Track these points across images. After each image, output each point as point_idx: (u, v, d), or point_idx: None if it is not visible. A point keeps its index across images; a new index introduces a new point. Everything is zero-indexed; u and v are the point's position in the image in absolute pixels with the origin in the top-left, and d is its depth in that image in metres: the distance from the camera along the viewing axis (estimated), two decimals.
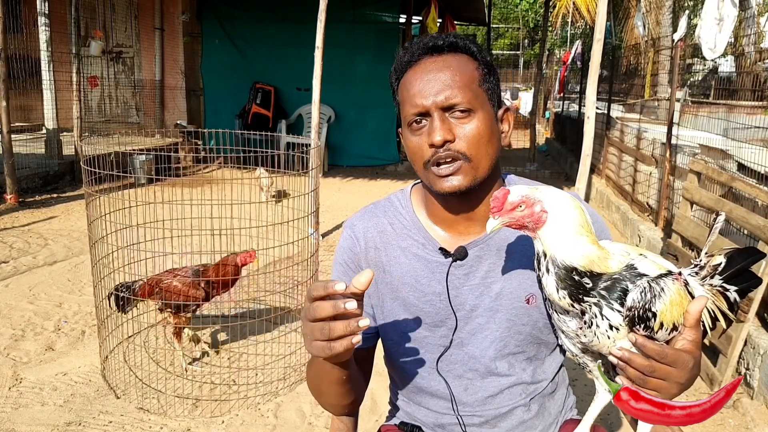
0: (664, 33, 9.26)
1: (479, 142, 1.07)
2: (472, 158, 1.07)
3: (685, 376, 0.95)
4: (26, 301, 3.73)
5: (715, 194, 3.78)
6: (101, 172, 2.69)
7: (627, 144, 6.77)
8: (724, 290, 1.07)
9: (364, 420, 2.40)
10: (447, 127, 1.07)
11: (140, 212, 2.86)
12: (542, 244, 0.97)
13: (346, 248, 1.22)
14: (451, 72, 1.07)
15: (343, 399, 1.15)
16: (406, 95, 1.11)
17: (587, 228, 0.96)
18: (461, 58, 1.10)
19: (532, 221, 0.96)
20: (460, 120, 1.07)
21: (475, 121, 1.07)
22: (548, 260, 0.96)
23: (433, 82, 1.07)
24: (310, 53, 5.00)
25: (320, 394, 1.16)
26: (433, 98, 1.07)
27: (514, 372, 1.20)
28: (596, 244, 0.96)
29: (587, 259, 0.94)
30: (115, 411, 2.60)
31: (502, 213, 0.96)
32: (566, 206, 0.96)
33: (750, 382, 2.82)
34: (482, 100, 1.09)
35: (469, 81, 1.08)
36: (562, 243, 0.95)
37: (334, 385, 1.10)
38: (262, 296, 3.78)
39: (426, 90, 1.07)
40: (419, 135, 1.10)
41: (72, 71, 7.13)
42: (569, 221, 0.95)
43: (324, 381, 1.10)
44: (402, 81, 1.13)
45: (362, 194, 7.57)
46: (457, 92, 1.06)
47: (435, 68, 1.08)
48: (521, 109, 17.93)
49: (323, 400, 1.18)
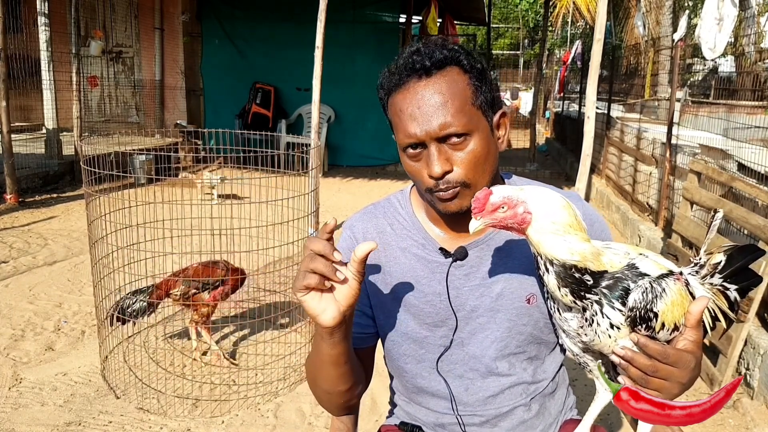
0: (664, 33, 9.25)
1: (476, 165, 1.07)
2: (471, 183, 1.07)
3: (687, 376, 0.95)
4: (26, 301, 3.73)
5: (715, 194, 3.78)
6: (101, 172, 2.69)
7: (627, 144, 6.77)
8: (725, 289, 1.07)
9: (364, 420, 2.40)
10: (444, 157, 1.06)
11: (140, 212, 2.86)
12: (532, 244, 0.97)
13: (345, 249, 1.22)
14: (442, 98, 1.04)
15: (340, 383, 1.13)
16: (397, 121, 1.08)
17: (576, 227, 0.95)
18: (451, 76, 1.06)
19: (515, 222, 0.96)
20: (456, 146, 1.06)
21: (471, 144, 1.06)
22: (545, 259, 0.96)
23: (425, 109, 1.04)
24: (310, 53, 5.00)
25: (317, 380, 1.16)
26: (426, 128, 1.04)
27: (514, 372, 1.20)
28: (587, 242, 0.96)
29: (580, 255, 0.94)
30: (115, 411, 2.59)
31: (483, 214, 0.96)
32: (551, 207, 0.95)
33: (750, 382, 2.82)
34: (477, 120, 1.07)
35: (461, 105, 1.04)
36: (551, 242, 0.94)
37: (332, 367, 1.10)
38: (262, 296, 3.78)
39: (419, 119, 1.04)
40: (417, 161, 1.09)
41: (72, 71, 7.13)
42: (556, 222, 0.94)
43: (323, 363, 1.10)
44: (391, 101, 1.10)
45: (362, 194, 7.57)
46: (451, 120, 1.04)
47: (425, 93, 1.04)
48: (521, 109, 17.93)
49: (319, 386, 1.17)
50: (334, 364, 1.09)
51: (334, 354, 1.07)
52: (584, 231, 0.97)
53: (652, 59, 9.21)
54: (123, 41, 9.61)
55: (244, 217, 2.97)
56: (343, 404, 1.20)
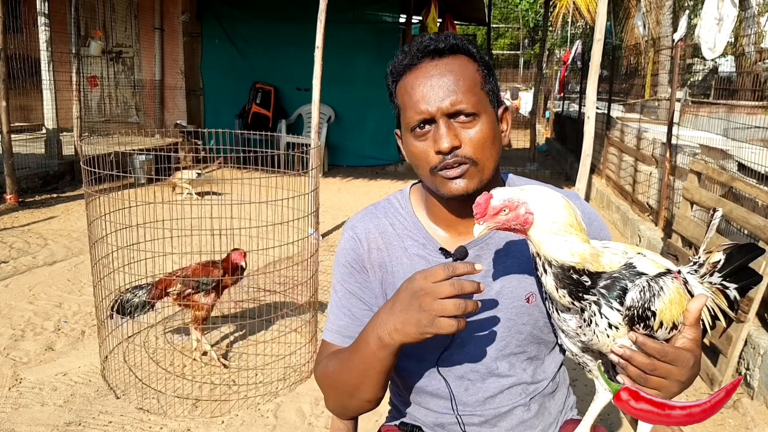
0: (665, 33, 9.25)
1: (484, 146, 1.07)
2: (479, 162, 1.08)
3: (686, 374, 0.95)
4: (26, 301, 3.73)
5: (716, 194, 3.78)
6: (101, 172, 2.69)
7: (627, 144, 6.77)
8: (724, 288, 1.06)
9: (364, 420, 2.39)
10: (453, 133, 1.06)
11: (140, 212, 2.86)
12: (533, 244, 0.97)
13: (348, 249, 1.22)
14: (454, 76, 1.06)
15: (382, 390, 1.11)
16: (407, 100, 1.09)
17: (577, 227, 0.96)
18: (462, 60, 1.09)
19: (518, 224, 0.95)
20: (465, 124, 1.07)
21: (480, 124, 1.07)
22: (543, 260, 0.96)
23: (437, 87, 1.06)
24: (310, 53, 5.00)
25: (357, 391, 1.11)
26: (437, 104, 1.05)
27: (514, 372, 1.20)
28: (587, 242, 0.96)
29: (580, 256, 0.94)
30: (115, 411, 2.59)
31: (486, 219, 0.96)
32: (553, 206, 0.95)
33: (750, 382, 2.82)
34: (485, 103, 1.09)
35: (472, 85, 1.07)
36: (552, 243, 0.94)
37: (382, 375, 1.07)
38: (262, 296, 3.78)
39: (430, 95, 1.06)
40: (424, 140, 1.09)
41: (72, 71, 7.13)
42: (557, 222, 0.94)
43: (371, 373, 1.06)
44: (401, 84, 1.11)
45: (362, 194, 7.57)
46: (461, 97, 1.05)
47: (437, 72, 1.07)
48: (521, 109, 17.94)
49: (359, 397, 1.11)
50: (387, 371, 1.07)
51: (391, 363, 1.05)
52: (584, 231, 0.97)
53: (652, 59, 9.21)
54: (123, 41, 9.61)
55: (244, 217, 2.97)
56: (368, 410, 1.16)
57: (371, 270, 1.20)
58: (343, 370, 1.12)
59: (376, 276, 1.20)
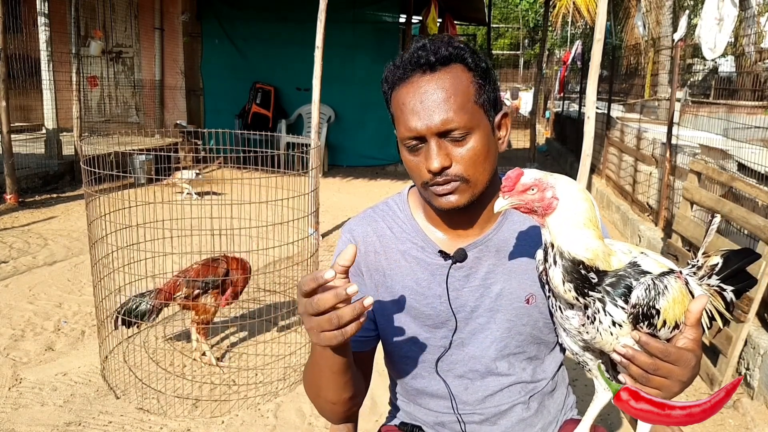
0: (665, 33, 9.25)
1: (476, 163, 1.06)
2: (470, 179, 1.07)
3: (687, 374, 0.95)
4: (26, 301, 3.73)
5: (715, 194, 3.78)
6: (101, 172, 2.69)
7: (627, 144, 6.77)
8: (721, 290, 1.08)
9: (364, 420, 2.40)
10: (444, 152, 1.05)
11: (140, 212, 2.86)
12: (549, 232, 0.96)
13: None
14: (445, 94, 1.03)
15: (344, 392, 1.11)
16: (399, 114, 1.08)
17: (595, 223, 0.95)
18: (455, 73, 1.05)
19: (542, 206, 0.95)
20: (457, 142, 1.05)
21: (472, 141, 1.05)
22: (555, 252, 0.95)
23: (428, 104, 1.04)
24: (310, 53, 5.00)
25: (320, 391, 1.13)
26: (427, 123, 1.03)
27: (514, 372, 1.20)
28: (602, 240, 0.96)
29: (593, 252, 0.93)
30: (114, 411, 2.59)
31: (512, 193, 0.95)
32: (578, 197, 0.95)
33: (750, 382, 2.82)
34: (478, 118, 1.06)
35: (464, 101, 1.04)
36: (569, 233, 0.94)
37: (336, 375, 1.07)
38: (262, 296, 3.78)
39: (420, 113, 1.04)
40: (416, 155, 1.08)
41: (72, 71, 7.13)
42: (579, 212, 0.94)
43: (325, 373, 1.08)
44: (394, 95, 1.09)
45: (362, 194, 7.57)
46: (452, 116, 1.03)
47: (429, 88, 1.04)
48: (521, 109, 17.95)
49: (323, 397, 1.14)
50: (340, 372, 1.07)
51: (339, 362, 1.05)
52: (599, 229, 0.97)
53: (652, 59, 9.22)
54: (123, 41, 9.61)
55: (244, 217, 2.97)
56: (345, 412, 1.18)
57: (367, 273, 1.20)
58: (307, 372, 1.15)
59: (372, 279, 1.20)
